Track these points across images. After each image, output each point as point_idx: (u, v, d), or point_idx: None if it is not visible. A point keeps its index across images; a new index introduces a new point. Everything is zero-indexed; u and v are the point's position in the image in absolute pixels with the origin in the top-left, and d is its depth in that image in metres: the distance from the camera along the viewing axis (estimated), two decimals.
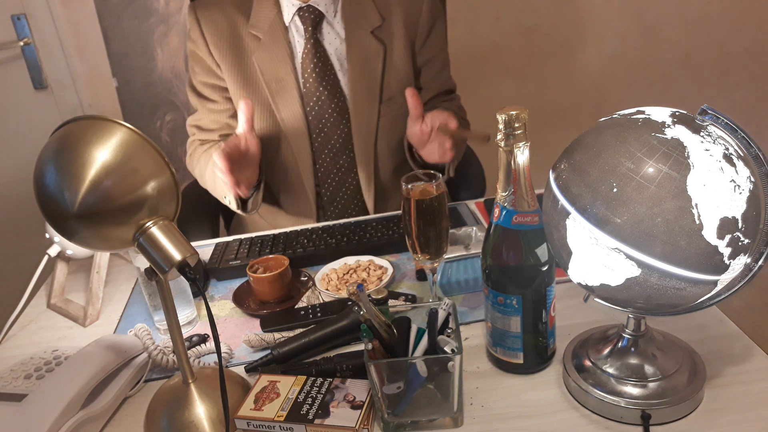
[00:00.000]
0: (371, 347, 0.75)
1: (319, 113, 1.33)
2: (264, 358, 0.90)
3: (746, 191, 0.63)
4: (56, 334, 1.08)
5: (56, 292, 1.16)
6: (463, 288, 1.02)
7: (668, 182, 0.62)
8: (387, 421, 0.77)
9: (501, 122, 0.73)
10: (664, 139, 0.64)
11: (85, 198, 0.67)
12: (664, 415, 0.74)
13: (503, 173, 0.76)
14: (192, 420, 0.78)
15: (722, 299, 0.70)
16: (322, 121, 1.34)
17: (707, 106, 0.65)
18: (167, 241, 0.71)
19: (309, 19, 1.31)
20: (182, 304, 1.00)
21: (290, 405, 0.78)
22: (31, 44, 2.01)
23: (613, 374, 0.77)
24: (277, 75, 1.32)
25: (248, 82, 1.33)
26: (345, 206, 1.41)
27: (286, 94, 1.32)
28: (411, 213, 0.88)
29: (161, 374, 0.93)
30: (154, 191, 0.70)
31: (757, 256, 0.67)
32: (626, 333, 0.79)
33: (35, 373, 0.88)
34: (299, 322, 0.98)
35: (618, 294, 0.68)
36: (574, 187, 0.67)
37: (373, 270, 1.09)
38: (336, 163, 1.38)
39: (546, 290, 0.80)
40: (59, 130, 0.71)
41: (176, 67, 2.22)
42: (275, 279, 1.03)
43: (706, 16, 2.37)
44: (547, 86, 2.40)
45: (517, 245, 0.78)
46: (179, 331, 0.80)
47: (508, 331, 0.81)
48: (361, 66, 1.33)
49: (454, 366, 0.73)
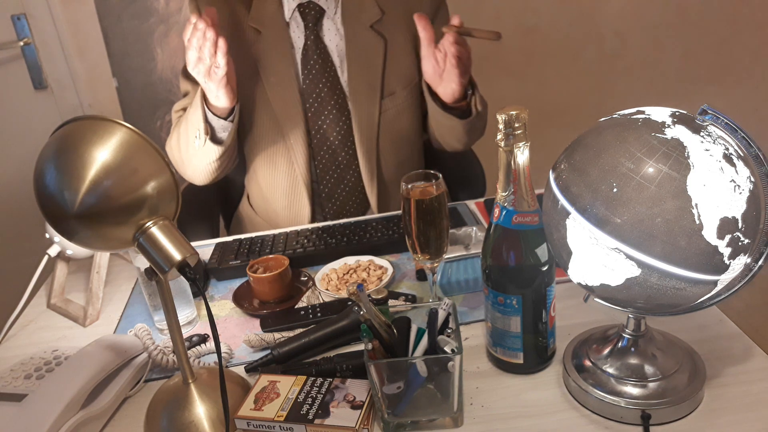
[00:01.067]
0: (371, 347, 0.75)
1: (318, 110, 1.33)
2: (264, 358, 0.90)
3: (746, 191, 0.63)
4: (56, 334, 1.08)
5: (56, 292, 1.16)
6: (463, 288, 1.02)
7: (668, 182, 0.62)
8: (387, 421, 0.77)
9: (501, 122, 0.73)
10: (664, 139, 0.64)
11: (85, 198, 0.67)
12: (664, 415, 0.74)
13: (503, 173, 0.76)
14: (192, 420, 0.78)
15: (722, 299, 0.70)
16: (321, 118, 1.34)
17: (707, 106, 0.65)
18: (167, 241, 0.71)
19: (310, 14, 1.30)
20: (182, 304, 1.00)
21: (290, 405, 0.78)
22: (31, 44, 2.01)
23: (613, 374, 0.77)
24: (276, 69, 1.31)
25: (246, 75, 1.32)
26: (344, 203, 1.41)
27: (285, 89, 1.32)
28: (411, 213, 0.88)
29: (161, 374, 0.93)
30: (154, 191, 0.70)
31: (757, 256, 0.67)
32: (626, 333, 0.79)
33: (35, 373, 0.88)
34: (299, 322, 0.98)
35: (618, 294, 0.68)
36: (574, 187, 0.67)
37: (373, 270, 1.09)
38: (335, 160, 1.37)
39: (546, 290, 0.80)
40: (59, 130, 0.71)
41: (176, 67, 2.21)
42: (275, 279, 1.03)
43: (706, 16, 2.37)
44: (547, 86, 2.40)
45: (517, 245, 0.78)
46: (179, 331, 0.80)
47: (508, 331, 0.81)
48: (362, 61, 1.33)
49: (454, 366, 0.73)
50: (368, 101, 1.34)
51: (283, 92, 1.32)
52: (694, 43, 2.40)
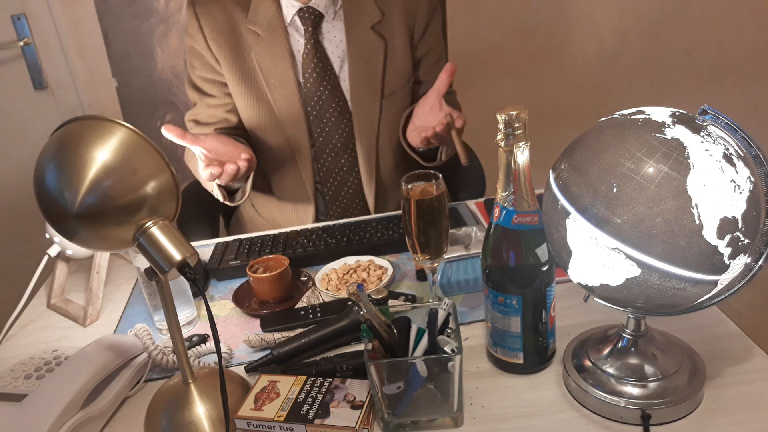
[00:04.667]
0: (371, 347, 0.75)
1: (320, 113, 1.34)
2: (264, 358, 0.90)
3: (746, 191, 0.63)
4: (56, 334, 1.08)
5: (56, 292, 1.16)
6: (463, 288, 1.02)
7: (668, 182, 0.62)
8: (387, 421, 0.77)
9: (501, 122, 0.73)
10: (664, 139, 0.64)
11: (85, 198, 0.67)
12: (664, 415, 0.74)
13: (503, 173, 0.76)
14: (192, 420, 0.78)
15: (722, 299, 0.70)
16: (323, 122, 1.34)
17: (707, 106, 0.65)
18: (167, 241, 0.71)
19: (309, 19, 1.31)
20: (182, 304, 1.00)
21: (290, 405, 0.78)
22: (31, 44, 2.01)
23: (613, 374, 0.77)
24: (276, 71, 1.32)
25: (246, 78, 1.32)
26: (347, 206, 1.42)
27: (285, 91, 1.32)
28: (411, 213, 0.88)
29: (161, 374, 0.93)
30: (154, 191, 0.70)
31: (757, 256, 0.67)
32: (626, 333, 0.79)
33: (35, 373, 0.88)
34: (299, 322, 0.98)
35: (618, 294, 0.68)
36: (574, 187, 0.67)
37: (373, 270, 1.09)
38: (337, 163, 1.38)
39: (546, 290, 0.80)
40: (59, 130, 0.71)
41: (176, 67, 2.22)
42: (275, 279, 1.03)
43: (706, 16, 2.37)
44: (547, 86, 2.40)
45: (517, 245, 0.78)
46: (179, 331, 0.80)
47: (508, 331, 0.81)
48: (362, 62, 1.33)
49: (454, 366, 0.73)
50: (369, 101, 1.34)
51: (285, 94, 1.32)
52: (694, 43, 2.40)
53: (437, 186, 0.88)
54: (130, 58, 2.17)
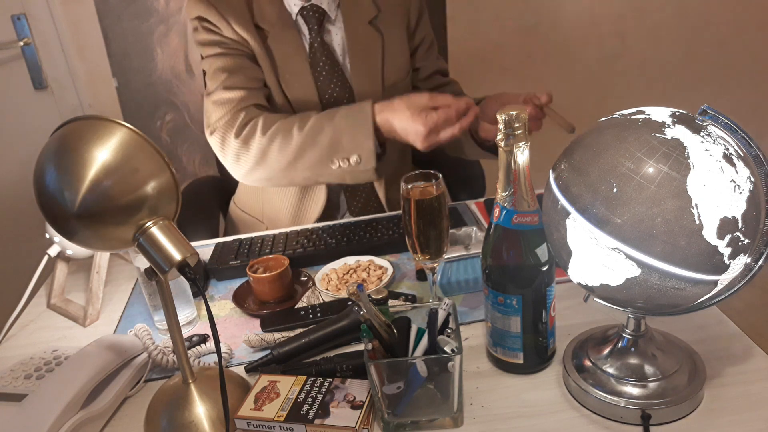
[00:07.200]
0: (371, 347, 0.75)
1: None
2: (264, 358, 0.90)
3: (746, 191, 0.63)
4: (56, 334, 1.08)
5: (56, 292, 1.16)
6: (463, 288, 1.02)
7: (668, 182, 0.62)
8: (387, 421, 0.77)
9: (501, 122, 0.73)
10: (664, 139, 0.64)
11: (85, 198, 0.67)
12: (664, 415, 0.74)
13: (503, 173, 0.76)
14: (192, 420, 0.78)
15: (722, 299, 0.70)
16: None
17: (707, 106, 0.65)
18: (167, 241, 0.71)
19: (313, 18, 1.32)
20: (182, 304, 1.00)
21: (290, 405, 0.78)
22: (31, 44, 2.01)
23: (613, 374, 0.77)
24: (289, 67, 1.32)
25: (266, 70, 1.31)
26: (366, 200, 1.43)
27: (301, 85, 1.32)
28: (411, 213, 0.88)
29: (161, 374, 0.93)
30: (154, 191, 0.70)
31: (757, 256, 0.67)
32: (626, 333, 0.79)
33: (35, 373, 0.88)
34: (299, 322, 0.98)
35: (618, 294, 0.68)
36: (574, 187, 0.67)
37: (373, 270, 1.09)
38: None
39: (546, 290, 0.80)
40: (59, 130, 0.71)
41: (176, 67, 2.22)
42: (275, 279, 1.03)
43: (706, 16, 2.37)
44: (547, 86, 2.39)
45: (517, 245, 0.78)
46: (179, 331, 0.80)
47: (508, 331, 0.81)
48: (363, 56, 1.36)
49: (454, 366, 0.73)
50: (371, 94, 1.35)
51: (300, 88, 1.33)
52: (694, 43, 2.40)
53: (437, 186, 0.88)
54: (130, 58, 2.17)
